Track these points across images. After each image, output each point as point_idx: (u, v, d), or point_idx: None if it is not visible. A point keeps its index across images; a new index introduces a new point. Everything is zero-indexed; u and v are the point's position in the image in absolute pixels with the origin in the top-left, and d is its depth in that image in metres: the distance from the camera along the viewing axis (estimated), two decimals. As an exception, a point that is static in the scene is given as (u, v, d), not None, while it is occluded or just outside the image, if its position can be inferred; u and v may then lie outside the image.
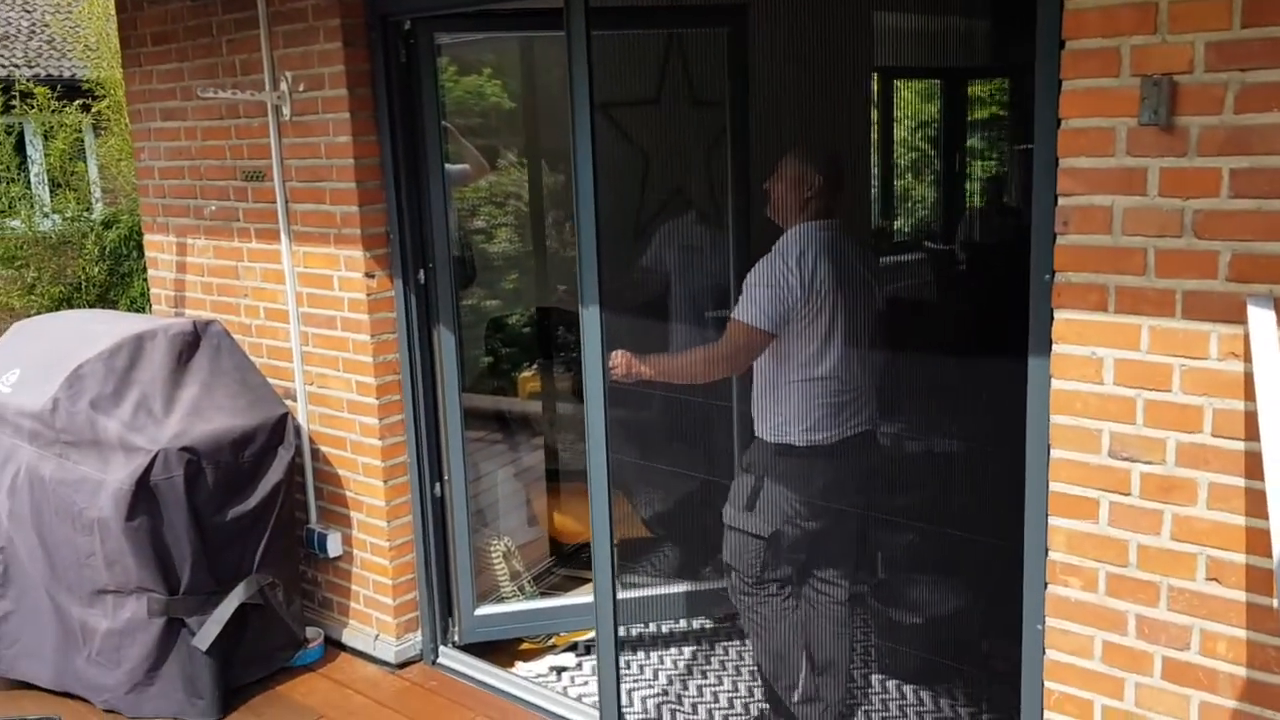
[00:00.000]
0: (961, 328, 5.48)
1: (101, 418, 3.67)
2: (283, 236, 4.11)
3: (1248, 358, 2.13)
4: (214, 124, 4.28)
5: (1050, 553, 2.51)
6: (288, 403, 4.18)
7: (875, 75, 7.82)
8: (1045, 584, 2.54)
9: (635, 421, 4.62)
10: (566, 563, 4.79)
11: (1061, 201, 2.35)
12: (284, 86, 3.94)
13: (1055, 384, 2.42)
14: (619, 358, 3.49)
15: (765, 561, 3.51)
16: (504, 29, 4.08)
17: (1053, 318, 2.41)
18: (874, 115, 8.07)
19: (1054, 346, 2.41)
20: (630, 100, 4.61)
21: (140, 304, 7.97)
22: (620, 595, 4.45)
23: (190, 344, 3.96)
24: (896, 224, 9.49)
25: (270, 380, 4.20)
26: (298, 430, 4.17)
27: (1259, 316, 2.08)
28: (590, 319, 3.39)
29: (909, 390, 4.72)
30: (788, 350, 3.41)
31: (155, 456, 3.60)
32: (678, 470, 4.59)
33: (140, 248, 7.96)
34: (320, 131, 3.90)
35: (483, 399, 4.84)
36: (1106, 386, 2.35)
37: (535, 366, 5.10)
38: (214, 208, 4.39)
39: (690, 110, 4.63)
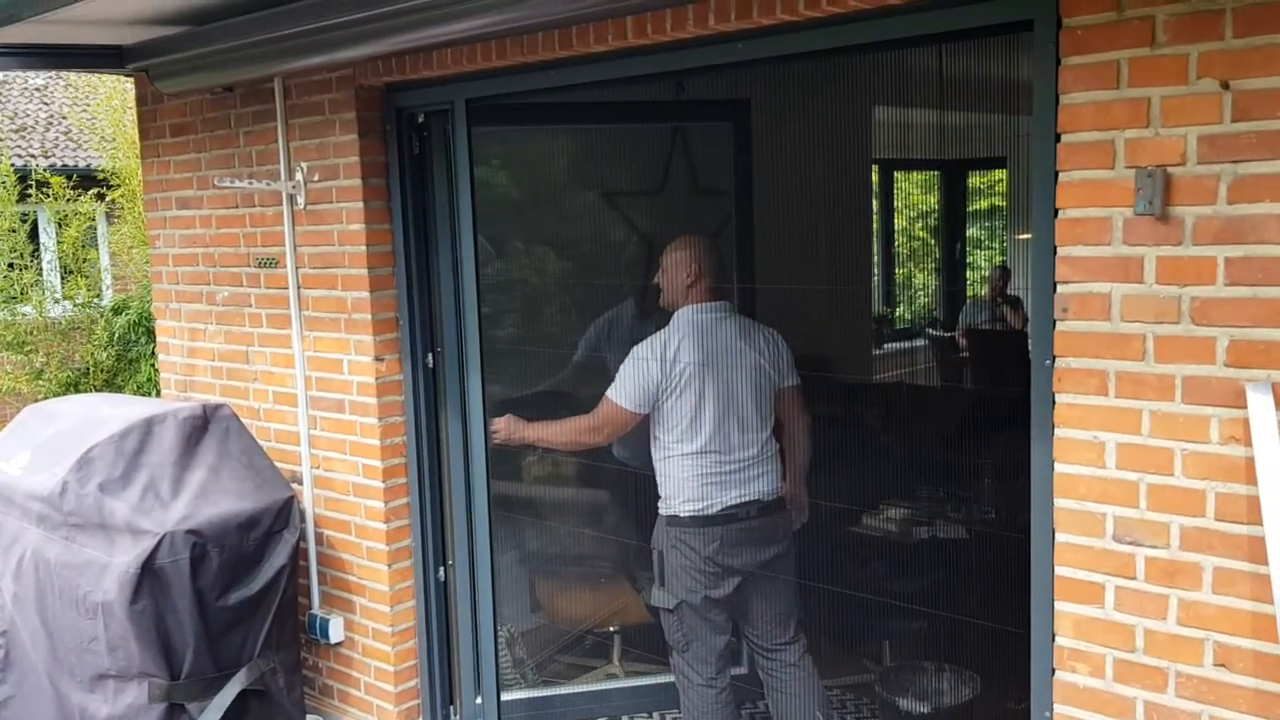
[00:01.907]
0: (962, 413, 5.50)
1: (109, 500, 3.69)
2: (294, 321, 4.17)
3: (1249, 442, 2.15)
4: (229, 212, 4.37)
5: (1057, 638, 2.50)
6: (294, 486, 4.19)
7: (875, 167, 7.98)
8: (1053, 670, 2.53)
9: (632, 501, 4.62)
10: (570, 650, 4.75)
11: (1060, 289, 2.40)
12: (299, 176, 4.03)
13: (1058, 468, 2.45)
14: (501, 422, 3.87)
15: (687, 634, 3.66)
16: (515, 122, 4.20)
17: (1054, 402, 2.44)
18: (875, 205, 8.21)
19: (1056, 430, 2.44)
20: (634, 190, 4.72)
21: (147, 389, 8.01)
22: (626, 684, 4.43)
23: (199, 427, 3.98)
24: (898, 311, 9.58)
25: (277, 463, 4.22)
26: (302, 514, 4.18)
27: (1258, 401, 2.12)
28: (473, 387, 3.84)
29: (906, 472, 4.74)
30: (665, 426, 3.67)
31: (161, 539, 3.60)
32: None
33: (148, 333, 8.03)
34: (334, 220, 3.99)
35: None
36: (1109, 470, 2.37)
37: (539, 451, 5.11)
38: (227, 294, 4.46)
39: (693, 199, 4.74)
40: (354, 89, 3.83)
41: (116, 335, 8.42)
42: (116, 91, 10.20)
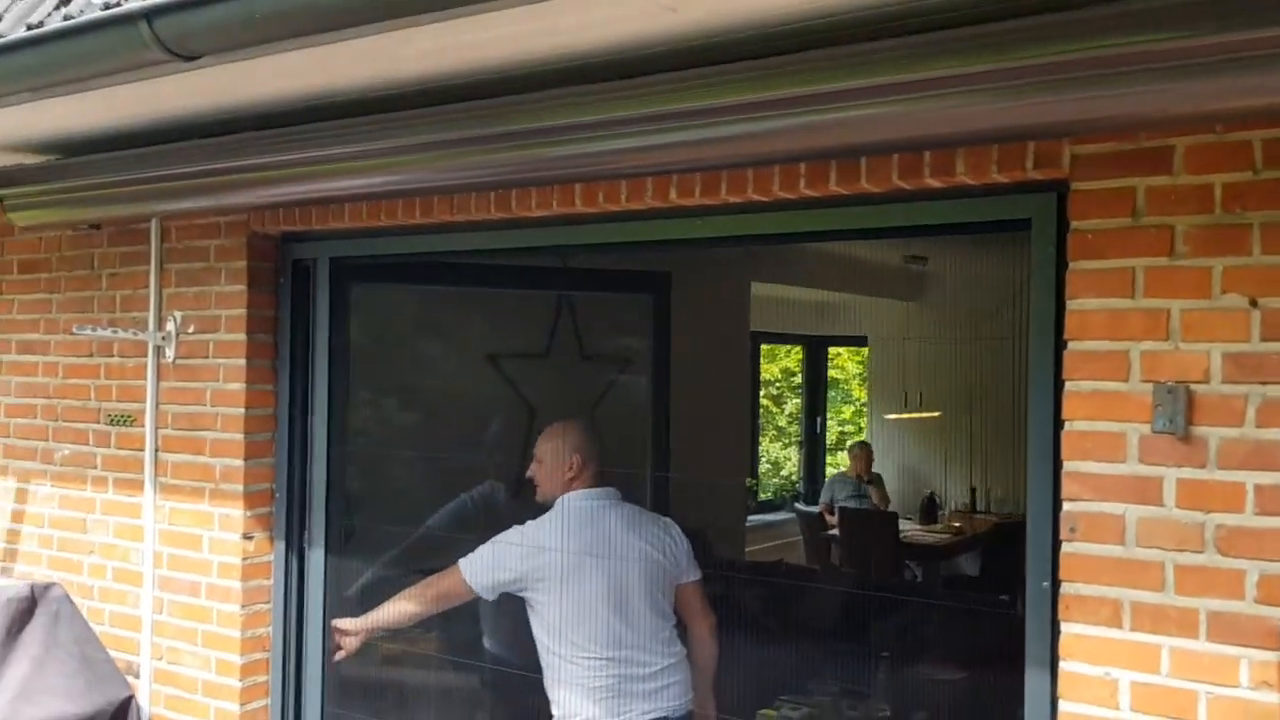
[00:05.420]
0: (845, 600, 5.28)
1: (-95, 706, 3.06)
2: (147, 488, 3.66)
3: (1287, 690, 1.97)
4: (80, 361, 3.87)
5: None
6: (129, 679, 3.60)
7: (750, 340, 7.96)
8: None
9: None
10: None
11: (1067, 506, 2.21)
12: (170, 327, 3.60)
13: (1064, 706, 2.20)
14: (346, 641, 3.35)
15: None
16: (427, 281, 3.91)
17: (1057, 630, 2.22)
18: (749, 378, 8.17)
19: (1062, 663, 2.21)
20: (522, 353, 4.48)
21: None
22: None
23: (24, 610, 3.46)
24: (762, 483, 9.51)
25: (112, 652, 3.63)
26: (140, 714, 3.58)
27: (1298, 645, 1.94)
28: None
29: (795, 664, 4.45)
30: (548, 628, 3.18)
31: (-33, 755, 2.99)
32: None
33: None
34: (208, 376, 3.55)
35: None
36: (1124, 713, 2.14)
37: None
38: (67, 452, 3.91)
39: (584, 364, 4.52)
40: (246, 236, 3.46)
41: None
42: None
